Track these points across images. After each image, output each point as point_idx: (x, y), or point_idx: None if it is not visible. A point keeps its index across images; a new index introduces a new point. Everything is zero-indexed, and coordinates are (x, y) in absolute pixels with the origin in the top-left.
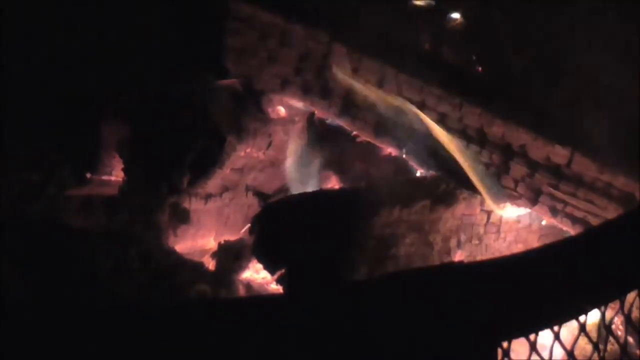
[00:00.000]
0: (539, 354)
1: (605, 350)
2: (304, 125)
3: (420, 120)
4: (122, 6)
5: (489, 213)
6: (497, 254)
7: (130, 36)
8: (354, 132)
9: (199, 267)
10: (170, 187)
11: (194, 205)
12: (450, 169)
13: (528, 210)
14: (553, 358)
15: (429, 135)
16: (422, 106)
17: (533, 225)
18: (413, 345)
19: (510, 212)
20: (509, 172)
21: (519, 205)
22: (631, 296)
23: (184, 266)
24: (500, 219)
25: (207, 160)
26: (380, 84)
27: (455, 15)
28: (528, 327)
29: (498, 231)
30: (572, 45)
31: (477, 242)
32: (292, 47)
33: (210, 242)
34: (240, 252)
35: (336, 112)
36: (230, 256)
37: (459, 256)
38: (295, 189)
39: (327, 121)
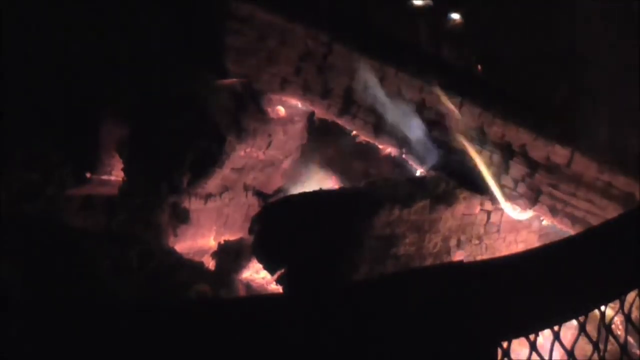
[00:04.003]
0: (539, 354)
1: (605, 350)
2: (304, 125)
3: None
4: (122, 6)
5: (489, 213)
6: (497, 254)
7: (131, 36)
8: (354, 132)
9: (199, 267)
10: (170, 187)
11: (194, 205)
12: (451, 168)
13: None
14: (553, 358)
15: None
16: (422, 106)
17: (533, 225)
18: (413, 345)
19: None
20: (509, 171)
21: (519, 205)
22: (631, 296)
23: (184, 266)
24: (500, 219)
25: (207, 160)
26: (380, 84)
27: (456, 15)
28: (528, 327)
29: (498, 231)
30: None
31: (477, 242)
32: (292, 47)
33: (210, 242)
34: (240, 252)
35: (336, 112)
36: (230, 256)
37: (459, 256)
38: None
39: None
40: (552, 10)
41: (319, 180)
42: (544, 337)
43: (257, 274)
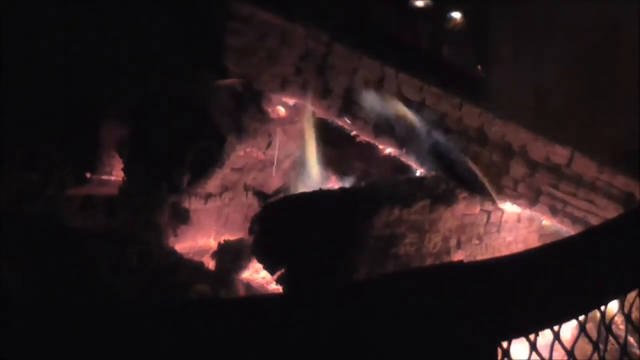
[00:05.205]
0: (539, 354)
1: (605, 350)
2: (304, 125)
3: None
4: (122, 6)
5: (489, 213)
6: (497, 254)
7: (130, 36)
8: (354, 132)
9: (199, 267)
10: (170, 187)
11: (194, 205)
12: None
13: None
14: (553, 358)
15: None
16: (422, 106)
17: (533, 225)
18: (413, 345)
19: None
20: (509, 172)
21: (519, 205)
22: (631, 296)
23: (184, 266)
24: (500, 219)
25: (207, 160)
26: (380, 84)
27: (456, 15)
28: (528, 327)
29: (498, 231)
30: None
31: (477, 242)
32: (292, 47)
33: (210, 242)
34: (240, 252)
35: (336, 112)
36: (230, 256)
37: (459, 256)
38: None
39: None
40: None
41: (319, 180)
42: (544, 337)
43: (257, 274)
